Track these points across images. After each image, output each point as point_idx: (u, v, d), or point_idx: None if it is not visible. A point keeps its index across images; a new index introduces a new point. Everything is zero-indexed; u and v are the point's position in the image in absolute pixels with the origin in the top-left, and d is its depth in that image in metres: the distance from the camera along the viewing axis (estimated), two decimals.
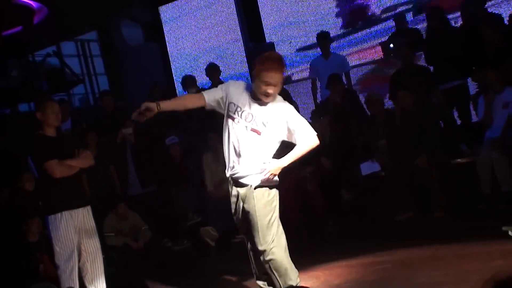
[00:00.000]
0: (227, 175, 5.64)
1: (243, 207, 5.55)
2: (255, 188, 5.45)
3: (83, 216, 6.74)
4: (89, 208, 6.87)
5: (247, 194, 5.49)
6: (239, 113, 5.48)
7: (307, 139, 5.49)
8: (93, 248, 6.82)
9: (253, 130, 5.41)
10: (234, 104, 5.50)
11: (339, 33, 13.07)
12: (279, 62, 5.40)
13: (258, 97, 5.43)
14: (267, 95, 5.36)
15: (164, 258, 10.00)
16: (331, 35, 11.91)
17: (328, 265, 7.01)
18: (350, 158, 9.64)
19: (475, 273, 5.56)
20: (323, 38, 11.55)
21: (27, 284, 7.89)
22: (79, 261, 6.73)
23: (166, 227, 10.70)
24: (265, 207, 5.46)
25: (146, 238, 10.05)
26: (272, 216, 5.49)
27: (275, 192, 5.58)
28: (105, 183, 10.40)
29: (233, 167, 5.54)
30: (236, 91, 5.57)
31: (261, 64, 5.36)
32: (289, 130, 5.45)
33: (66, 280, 6.58)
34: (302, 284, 5.74)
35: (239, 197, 5.56)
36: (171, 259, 9.95)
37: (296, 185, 9.75)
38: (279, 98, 5.53)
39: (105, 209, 9.82)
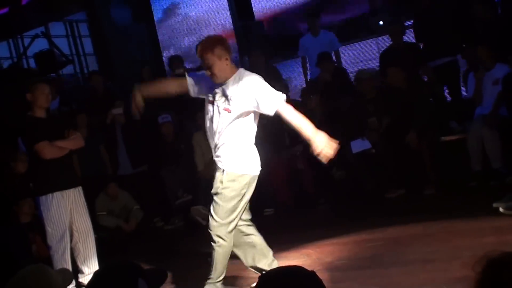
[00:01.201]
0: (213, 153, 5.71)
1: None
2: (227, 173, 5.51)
3: (74, 197, 6.77)
4: (80, 188, 6.89)
5: (219, 177, 5.56)
6: (210, 96, 5.60)
7: (274, 106, 5.43)
8: (84, 228, 6.84)
9: (225, 109, 5.46)
10: (208, 86, 5.65)
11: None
12: (201, 45, 5.56)
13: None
14: (210, 76, 5.50)
15: (156, 237, 10.03)
16: None
17: (320, 243, 7.03)
18: (341, 136, 9.63)
19: (467, 250, 5.58)
20: (312, 15, 11.49)
21: (20, 265, 7.88)
22: (71, 241, 6.77)
23: (157, 206, 10.72)
24: (230, 193, 5.50)
25: (138, 218, 10.10)
26: (236, 203, 5.53)
27: (248, 179, 5.56)
28: (95, 164, 10.40)
29: (213, 148, 5.66)
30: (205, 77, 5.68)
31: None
32: (256, 100, 5.42)
33: (59, 260, 6.61)
34: (295, 262, 5.79)
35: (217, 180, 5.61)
36: (162, 238, 9.96)
37: (286, 164, 9.76)
38: (242, 72, 5.57)
39: (96, 190, 9.83)
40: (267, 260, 5.77)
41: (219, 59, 5.45)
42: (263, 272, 5.52)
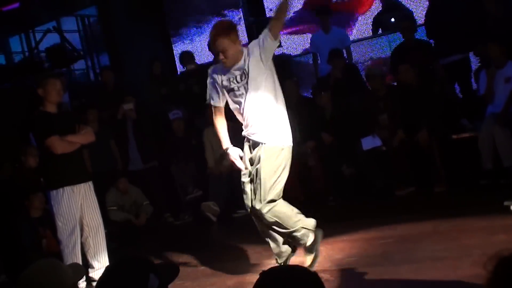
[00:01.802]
0: (244, 133, 5.80)
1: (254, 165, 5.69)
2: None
3: (85, 191, 6.78)
4: (90, 183, 6.91)
5: (258, 152, 5.64)
6: (225, 83, 5.74)
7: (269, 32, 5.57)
8: (95, 223, 6.86)
9: (242, 87, 5.64)
10: (220, 81, 5.77)
11: None
12: (215, 29, 5.68)
13: (225, 67, 5.70)
14: (223, 61, 5.62)
15: (166, 232, 10.05)
16: None
17: (330, 240, 7.00)
18: (351, 133, 9.63)
19: (477, 248, 5.58)
20: (323, 12, 11.49)
21: (30, 259, 7.92)
22: (81, 236, 6.78)
23: (167, 202, 10.75)
24: (271, 168, 5.57)
25: (148, 213, 10.13)
26: (277, 178, 5.59)
27: (286, 153, 5.70)
28: (106, 159, 10.42)
29: (246, 126, 5.74)
30: (212, 74, 5.86)
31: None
32: (261, 49, 5.58)
33: (69, 255, 6.63)
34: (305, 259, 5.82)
35: (252, 154, 5.73)
36: (172, 233, 9.99)
37: (297, 160, 9.75)
38: (245, 51, 5.70)
39: (107, 185, 9.86)
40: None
41: (234, 43, 5.59)
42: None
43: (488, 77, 8.73)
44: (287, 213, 5.71)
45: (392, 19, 11.62)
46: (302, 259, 5.98)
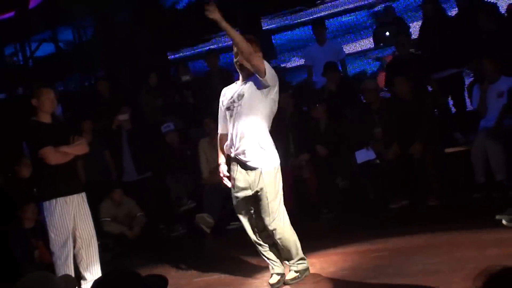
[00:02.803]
0: (232, 154, 6.00)
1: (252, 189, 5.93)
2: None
3: (78, 203, 6.77)
4: (84, 194, 6.90)
5: (256, 177, 5.87)
6: (225, 102, 6.03)
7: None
8: (88, 235, 6.84)
9: (237, 107, 5.87)
10: (223, 101, 6.09)
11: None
12: (247, 35, 5.88)
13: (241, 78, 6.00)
14: (239, 66, 5.91)
15: (160, 244, 10.04)
16: None
17: (324, 253, 7.03)
18: (346, 146, 9.64)
19: (470, 261, 5.59)
20: (318, 25, 11.50)
21: (23, 270, 7.89)
22: (74, 247, 6.76)
23: (161, 213, 10.73)
24: (274, 190, 5.90)
25: (142, 225, 10.11)
26: (279, 196, 5.97)
27: (279, 172, 5.99)
28: (100, 170, 10.42)
29: (235, 146, 5.93)
30: (225, 91, 6.15)
31: None
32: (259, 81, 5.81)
33: (61, 266, 6.61)
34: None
35: (248, 180, 5.93)
36: (166, 245, 9.97)
37: (292, 172, 9.77)
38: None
39: (101, 195, 9.85)
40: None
41: (256, 51, 5.79)
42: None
43: (480, 91, 8.77)
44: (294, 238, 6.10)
45: (387, 33, 11.65)
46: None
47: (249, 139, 5.84)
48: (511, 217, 6.65)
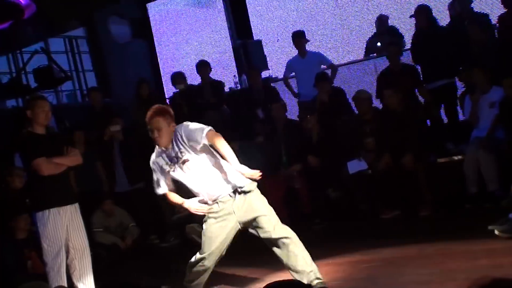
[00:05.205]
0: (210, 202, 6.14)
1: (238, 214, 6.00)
2: (239, 193, 5.98)
3: (71, 213, 6.76)
4: (77, 205, 6.89)
5: (241, 200, 5.96)
6: (167, 166, 6.25)
7: (206, 138, 5.83)
8: (81, 245, 6.83)
9: (185, 161, 6.02)
10: (160, 167, 6.35)
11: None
12: (153, 110, 6.22)
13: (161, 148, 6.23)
14: (157, 139, 6.19)
15: (152, 254, 10.02)
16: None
17: (315, 263, 7.03)
18: (337, 156, 9.66)
19: (461, 272, 5.61)
20: (298, 36, 11.50)
21: (15, 280, 7.88)
22: (67, 258, 6.74)
23: (153, 224, 10.72)
24: (264, 201, 6.05)
25: (134, 235, 10.11)
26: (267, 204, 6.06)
27: (254, 186, 6.03)
28: (92, 180, 10.40)
29: (207, 195, 6.09)
30: (155, 159, 6.45)
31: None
32: (190, 136, 5.94)
33: (54, 277, 6.59)
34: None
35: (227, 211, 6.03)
36: (158, 255, 9.96)
37: (283, 183, 9.79)
38: (176, 129, 6.09)
39: (93, 206, 9.84)
40: None
41: (168, 125, 6.06)
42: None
43: (472, 102, 8.81)
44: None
45: (379, 44, 11.68)
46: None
47: (215, 183, 5.98)
48: (503, 227, 6.67)
